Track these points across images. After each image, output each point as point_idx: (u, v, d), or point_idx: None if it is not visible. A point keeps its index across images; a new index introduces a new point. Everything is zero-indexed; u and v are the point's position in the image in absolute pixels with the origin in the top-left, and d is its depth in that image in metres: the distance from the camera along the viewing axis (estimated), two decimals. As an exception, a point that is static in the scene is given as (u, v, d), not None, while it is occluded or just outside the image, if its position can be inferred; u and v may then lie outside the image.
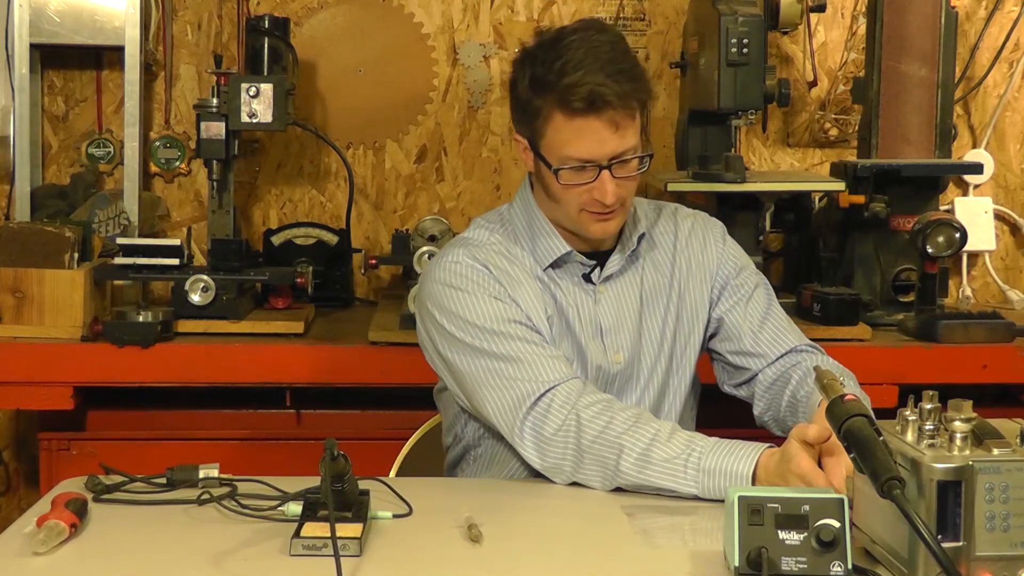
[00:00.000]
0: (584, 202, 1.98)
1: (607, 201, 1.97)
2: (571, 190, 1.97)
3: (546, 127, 1.96)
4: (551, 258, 2.06)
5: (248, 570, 1.54)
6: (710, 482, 1.79)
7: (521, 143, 2.04)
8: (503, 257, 2.05)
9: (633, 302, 2.10)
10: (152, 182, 3.32)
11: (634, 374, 2.09)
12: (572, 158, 1.95)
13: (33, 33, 3.12)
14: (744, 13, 2.80)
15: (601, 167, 1.95)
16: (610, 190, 1.95)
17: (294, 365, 2.74)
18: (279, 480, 1.84)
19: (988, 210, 3.37)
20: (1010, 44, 3.38)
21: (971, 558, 1.41)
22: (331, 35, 3.35)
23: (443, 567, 1.57)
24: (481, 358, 1.98)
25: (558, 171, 1.96)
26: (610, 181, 1.95)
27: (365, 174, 3.38)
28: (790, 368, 2.10)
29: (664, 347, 2.11)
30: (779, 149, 3.44)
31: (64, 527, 1.60)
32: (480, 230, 2.11)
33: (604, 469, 1.86)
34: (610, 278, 2.10)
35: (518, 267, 2.05)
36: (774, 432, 2.10)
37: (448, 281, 2.02)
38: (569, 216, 2.02)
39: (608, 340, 2.07)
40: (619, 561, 1.59)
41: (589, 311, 2.07)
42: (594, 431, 1.86)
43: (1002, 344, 2.80)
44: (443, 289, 2.02)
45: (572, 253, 2.07)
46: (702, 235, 2.18)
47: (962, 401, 1.47)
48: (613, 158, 1.95)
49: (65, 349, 2.71)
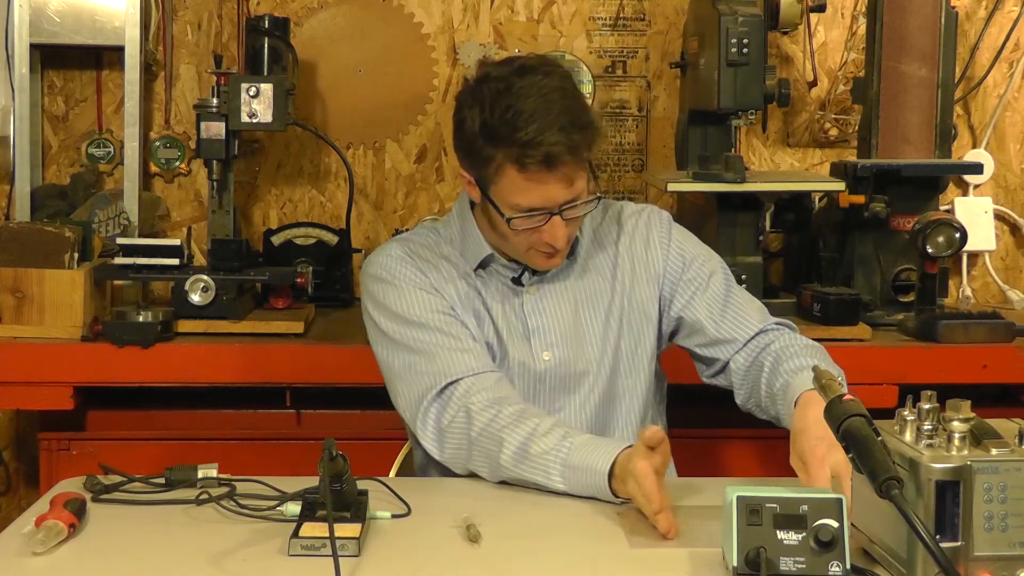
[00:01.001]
0: (533, 242, 2.02)
1: (558, 245, 2.01)
2: (520, 235, 2.00)
3: (497, 177, 1.96)
4: (477, 259, 2.11)
5: (247, 570, 1.54)
6: (574, 477, 1.83)
7: (466, 178, 2.04)
8: (434, 253, 2.11)
9: (566, 303, 2.12)
10: (152, 182, 3.32)
11: (572, 373, 2.10)
12: (524, 207, 1.97)
13: (33, 33, 3.13)
14: (744, 13, 2.80)
15: (552, 213, 1.97)
16: (560, 234, 1.99)
17: (294, 365, 2.74)
18: (278, 480, 1.84)
19: (988, 210, 3.37)
20: (1010, 44, 3.38)
21: (969, 558, 1.41)
22: (331, 35, 3.35)
23: (442, 567, 1.57)
24: (398, 352, 2.04)
25: (510, 220, 1.98)
26: (560, 225, 1.98)
27: (365, 174, 3.38)
28: (760, 353, 2.10)
29: (608, 349, 2.12)
30: (779, 149, 3.44)
31: (63, 527, 1.60)
32: (418, 228, 2.18)
33: (490, 461, 1.91)
34: (541, 282, 2.12)
35: (449, 265, 2.10)
36: (760, 417, 2.10)
37: (377, 274, 2.09)
38: (516, 252, 2.07)
39: (535, 340, 2.09)
40: (618, 561, 1.59)
41: (515, 311, 2.10)
42: (481, 424, 1.92)
43: (1002, 344, 2.80)
44: (374, 283, 2.09)
45: (494, 255, 2.10)
46: (645, 234, 2.17)
47: (960, 401, 1.48)
48: (564, 205, 1.97)
49: (65, 349, 2.71)
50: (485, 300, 2.10)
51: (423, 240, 2.14)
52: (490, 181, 1.98)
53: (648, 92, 3.39)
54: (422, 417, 1.99)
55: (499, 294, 2.11)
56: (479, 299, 2.10)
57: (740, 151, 3.09)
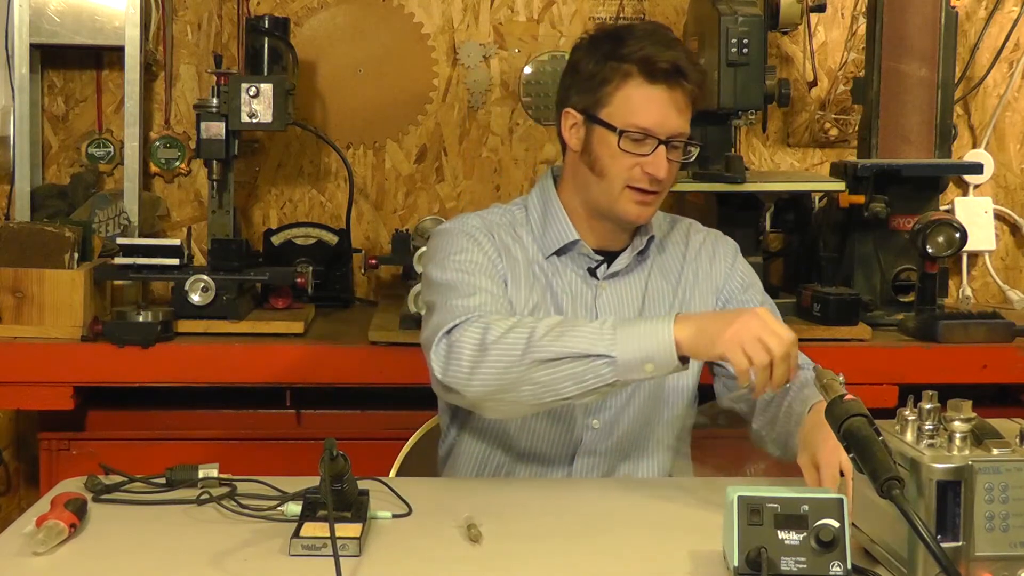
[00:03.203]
0: (632, 177, 2.02)
1: (660, 175, 2.01)
2: (623, 161, 2.01)
3: (616, 93, 2.01)
4: (559, 244, 2.09)
5: (247, 570, 1.54)
6: (628, 339, 1.77)
7: (572, 118, 2.07)
8: (509, 235, 2.10)
9: (635, 303, 2.11)
10: (152, 182, 3.32)
11: None
12: (637, 125, 1.99)
13: (33, 33, 3.12)
14: (744, 13, 2.80)
15: (660, 141, 1.99)
16: (663, 165, 2.00)
17: (294, 365, 2.74)
18: (278, 480, 1.84)
19: (988, 210, 3.37)
20: (1010, 44, 3.38)
21: (970, 558, 1.41)
22: (331, 35, 3.35)
23: (442, 567, 1.57)
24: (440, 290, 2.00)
25: (622, 133, 1.99)
26: (664, 156, 2.00)
27: (365, 174, 3.38)
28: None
29: None
30: (779, 149, 3.44)
31: (63, 527, 1.60)
32: (496, 209, 2.17)
33: (510, 356, 1.82)
34: (615, 276, 2.11)
35: (519, 250, 2.09)
36: (766, 449, 2.09)
37: (450, 228, 2.09)
38: (611, 192, 2.04)
39: None
40: (619, 561, 1.59)
41: (587, 304, 2.09)
42: (501, 329, 1.84)
43: (1002, 344, 2.80)
44: (443, 236, 2.08)
45: (580, 243, 2.09)
46: (712, 249, 2.20)
47: (961, 401, 1.48)
48: (672, 136, 2.01)
49: (65, 349, 2.71)
50: (554, 290, 2.08)
51: (499, 220, 2.13)
52: (605, 102, 2.02)
53: (648, 92, 3.39)
54: (439, 339, 1.89)
55: (570, 286, 2.09)
56: (547, 288, 2.08)
57: (740, 151, 3.08)
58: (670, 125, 2.00)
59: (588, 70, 2.04)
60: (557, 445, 2.08)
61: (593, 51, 2.05)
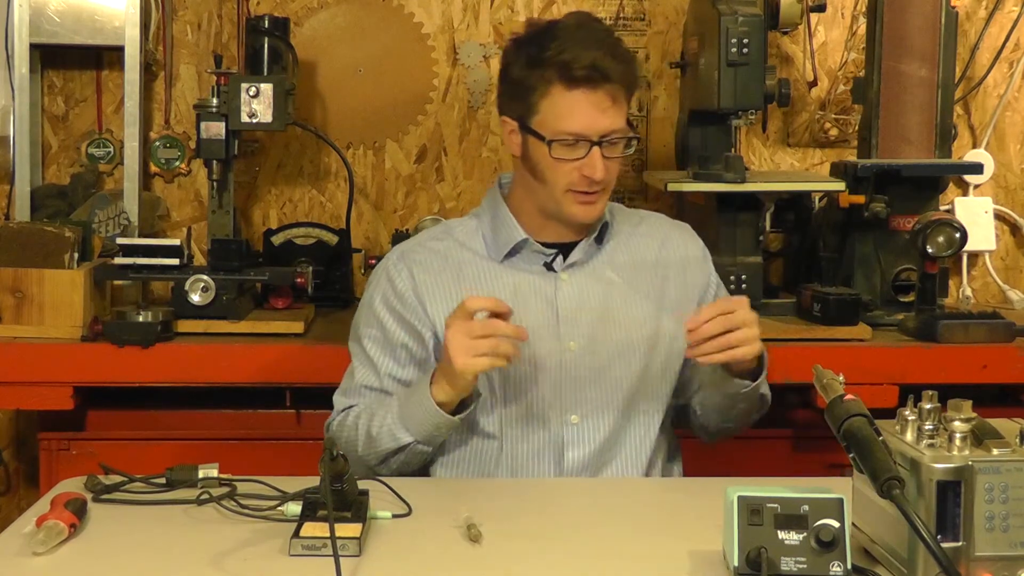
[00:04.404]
0: (572, 181, 2.04)
1: (596, 177, 2.03)
2: (561, 167, 2.03)
3: (542, 101, 2.03)
4: (508, 246, 2.13)
5: (247, 570, 1.54)
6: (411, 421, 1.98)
7: (509, 125, 2.11)
8: (458, 252, 2.15)
9: (597, 295, 2.13)
10: (152, 182, 3.32)
11: (595, 364, 2.10)
12: (566, 132, 2.01)
13: (33, 33, 3.12)
14: (744, 13, 2.80)
15: (592, 143, 2.01)
16: (599, 166, 2.02)
17: (294, 365, 2.74)
18: (278, 480, 1.84)
19: (988, 210, 3.37)
20: (1010, 44, 3.38)
21: (970, 558, 1.42)
22: (331, 35, 3.35)
23: (442, 567, 1.57)
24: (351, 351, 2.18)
25: (551, 143, 2.01)
26: (599, 158, 2.02)
27: (365, 174, 3.38)
28: None
29: (640, 345, 2.13)
30: (779, 149, 3.44)
31: (63, 527, 1.60)
32: (442, 227, 2.24)
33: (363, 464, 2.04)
34: (574, 267, 2.12)
35: (473, 262, 2.13)
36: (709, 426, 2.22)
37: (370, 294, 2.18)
38: (554, 197, 2.07)
39: (564, 328, 2.10)
40: (619, 561, 1.59)
41: (548, 299, 2.11)
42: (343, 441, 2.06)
43: (1002, 344, 2.80)
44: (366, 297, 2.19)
45: (528, 241, 2.12)
46: (680, 238, 2.24)
47: (962, 401, 1.48)
48: (604, 136, 2.02)
49: (65, 349, 2.71)
50: (514, 291, 2.10)
51: (439, 246, 2.16)
52: (534, 110, 2.04)
53: (648, 92, 3.39)
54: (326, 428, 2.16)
55: (530, 284, 2.11)
56: (506, 288, 2.10)
57: (740, 151, 3.09)
58: (599, 126, 2.02)
59: (515, 76, 2.07)
60: (541, 443, 2.08)
61: (518, 56, 2.07)
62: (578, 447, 2.08)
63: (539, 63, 2.02)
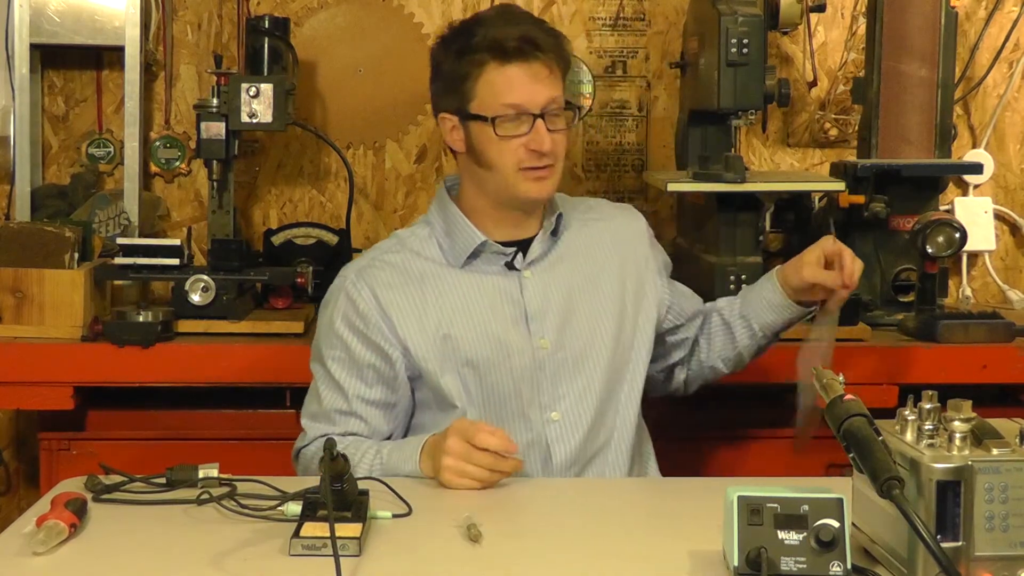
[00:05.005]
0: (520, 158, 2.05)
1: (544, 148, 2.04)
2: (507, 145, 2.04)
3: (477, 84, 2.05)
4: (468, 250, 2.12)
5: (248, 570, 1.54)
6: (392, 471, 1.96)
7: (449, 121, 2.12)
8: (415, 262, 2.13)
9: (561, 288, 2.14)
10: (152, 182, 3.32)
11: (572, 359, 2.12)
12: (506, 104, 2.03)
13: (33, 33, 3.12)
14: (744, 13, 2.80)
15: (535, 116, 2.03)
16: (546, 138, 2.04)
17: (294, 365, 2.73)
18: (278, 480, 1.84)
19: (988, 210, 3.37)
20: (1010, 44, 3.38)
21: (970, 558, 1.42)
22: (331, 35, 3.35)
23: (443, 567, 1.57)
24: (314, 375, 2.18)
25: (495, 120, 2.03)
26: (544, 130, 2.04)
27: (365, 174, 3.38)
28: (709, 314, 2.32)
29: (610, 333, 2.15)
30: (779, 149, 3.44)
31: (63, 527, 1.60)
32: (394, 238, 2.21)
33: None
34: (536, 264, 2.12)
35: (431, 270, 2.12)
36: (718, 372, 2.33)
37: (328, 315, 2.17)
38: (505, 180, 2.07)
39: (534, 326, 2.10)
40: (619, 561, 1.59)
41: (514, 299, 2.11)
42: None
43: (1002, 344, 2.80)
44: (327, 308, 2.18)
45: (488, 242, 2.12)
46: (631, 226, 2.29)
47: (961, 401, 1.48)
48: (544, 107, 2.04)
49: (65, 349, 2.71)
50: (478, 295, 2.10)
51: (394, 259, 2.15)
52: (470, 96, 2.06)
53: (648, 92, 3.39)
54: (294, 456, 2.19)
55: (494, 286, 2.11)
56: (471, 296, 2.10)
57: (740, 151, 3.08)
58: (538, 98, 2.04)
59: (448, 71, 2.10)
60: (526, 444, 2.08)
61: (447, 50, 2.10)
62: (563, 443, 2.09)
63: (469, 50, 2.05)
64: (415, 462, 1.94)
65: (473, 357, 2.08)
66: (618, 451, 2.13)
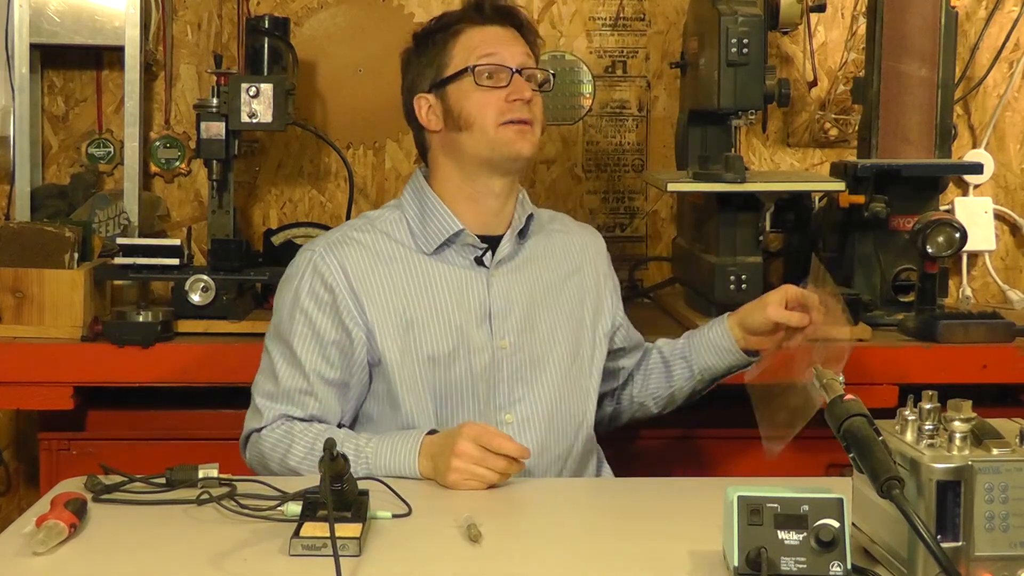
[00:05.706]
0: (500, 111, 2.06)
1: (525, 96, 2.06)
2: (487, 97, 2.06)
3: (455, 48, 2.09)
4: (442, 237, 2.10)
5: (247, 570, 1.54)
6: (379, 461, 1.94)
7: (425, 101, 2.13)
8: (383, 244, 2.11)
9: (524, 291, 2.14)
10: (152, 182, 3.32)
11: (529, 361, 2.11)
12: (484, 55, 2.06)
13: (33, 33, 3.12)
14: (744, 13, 2.80)
15: (513, 71, 2.06)
16: (526, 87, 2.07)
17: (294, 365, 2.74)
18: (278, 480, 1.84)
19: (988, 210, 3.37)
20: (1010, 44, 3.38)
21: (970, 558, 1.41)
22: (331, 35, 3.35)
23: (443, 567, 1.57)
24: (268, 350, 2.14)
25: (475, 68, 2.06)
26: (524, 82, 2.07)
27: (365, 174, 3.38)
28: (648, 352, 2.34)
29: (567, 338, 2.16)
30: (779, 149, 3.44)
31: (63, 527, 1.60)
32: (363, 218, 2.19)
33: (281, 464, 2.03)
34: (503, 264, 2.12)
35: (398, 254, 2.10)
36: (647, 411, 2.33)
37: (293, 274, 2.13)
38: (487, 136, 2.07)
39: (496, 325, 2.10)
40: (619, 561, 1.59)
41: (480, 297, 2.10)
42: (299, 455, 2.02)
43: (1002, 344, 2.80)
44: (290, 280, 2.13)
45: (464, 232, 2.10)
46: (592, 244, 2.30)
47: (961, 401, 1.48)
48: (521, 65, 2.08)
49: (65, 349, 2.71)
50: (442, 287, 2.09)
51: (361, 236, 2.12)
52: (448, 59, 2.10)
53: (648, 92, 3.39)
54: (242, 441, 2.13)
55: (461, 279, 2.10)
56: (434, 288, 2.09)
57: (740, 151, 3.08)
58: (516, 54, 2.09)
59: (423, 51, 2.14)
60: None
61: (423, 42, 2.14)
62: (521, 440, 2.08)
63: (445, 28, 2.10)
64: (413, 462, 1.93)
65: (434, 351, 2.06)
66: (570, 459, 2.14)
